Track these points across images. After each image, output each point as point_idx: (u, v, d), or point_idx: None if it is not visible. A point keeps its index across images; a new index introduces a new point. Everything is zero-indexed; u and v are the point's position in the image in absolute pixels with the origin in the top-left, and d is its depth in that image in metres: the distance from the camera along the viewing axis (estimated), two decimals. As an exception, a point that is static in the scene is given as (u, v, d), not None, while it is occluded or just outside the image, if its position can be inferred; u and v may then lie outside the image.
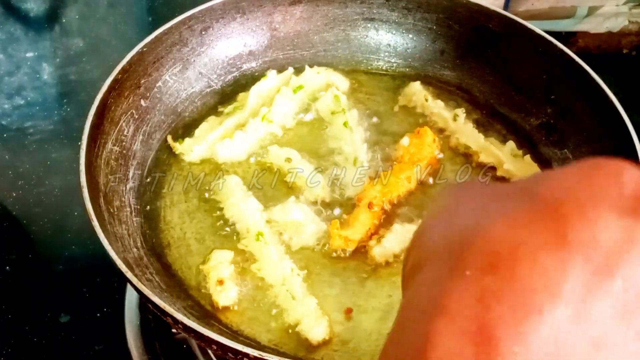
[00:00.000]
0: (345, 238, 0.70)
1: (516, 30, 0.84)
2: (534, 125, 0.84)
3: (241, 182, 0.76)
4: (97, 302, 0.84)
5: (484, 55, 0.88)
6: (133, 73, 0.78)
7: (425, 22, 0.90)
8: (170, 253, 0.72)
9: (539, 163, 0.80)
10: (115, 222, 0.69)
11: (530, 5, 1.16)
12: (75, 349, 0.80)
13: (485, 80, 0.88)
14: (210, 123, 0.83)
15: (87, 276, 0.86)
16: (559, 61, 0.81)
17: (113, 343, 0.80)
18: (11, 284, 0.87)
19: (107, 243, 0.61)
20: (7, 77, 1.11)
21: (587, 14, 1.16)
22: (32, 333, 0.81)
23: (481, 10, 0.86)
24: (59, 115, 1.06)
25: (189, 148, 0.80)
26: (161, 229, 0.74)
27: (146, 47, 0.79)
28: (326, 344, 0.65)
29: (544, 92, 0.83)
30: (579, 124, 0.79)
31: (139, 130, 0.79)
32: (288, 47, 0.91)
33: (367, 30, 0.92)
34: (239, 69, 0.89)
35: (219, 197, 0.76)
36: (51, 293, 0.86)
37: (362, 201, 0.73)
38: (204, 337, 0.56)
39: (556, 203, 0.25)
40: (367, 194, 0.73)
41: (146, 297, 0.58)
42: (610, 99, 0.75)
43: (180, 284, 0.69)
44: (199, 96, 0.86)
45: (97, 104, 0.72)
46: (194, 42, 0.85)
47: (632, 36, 1.19)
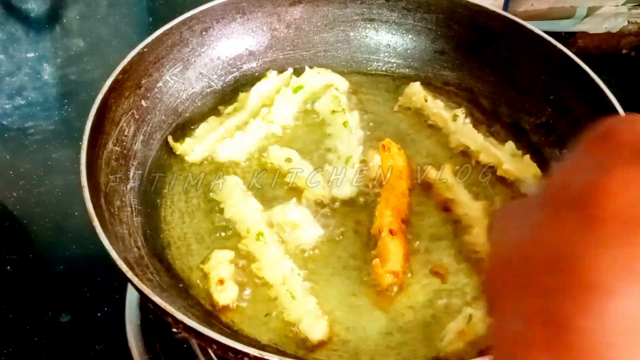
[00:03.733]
0: (393, 272, 0.68)
1: (516, 31, 0.84)
2: (533, 125, 0.84)
3: (241, 182, 0.77)
4: (98, 302, 0.84)
5: (484, 55, 0.88)
6: (134, 73, 0.78)
7: (425, 23, 0.90)
8: (170, 253, 0.72)
9: (539, 163, 0.80)
10: (116, 222, 0.69)
11: (529, 5, 1.16)
12: (76, 349, 0.80)
13: (485, 80, 0.88)
14: (211, 123, 0.83)
15: (88, 276, 0.86)
16: (559, 61, 0.81)
17: (113, 343, 0.80)
18: (11, 284, 0.87)
19: (107, 243, 0.61)
20: (8, 78, 1.11)
21: (586, 14, 1.16)
22: (32, 333, 0.81)
23: (481, 11, 0.86)
24: (59, 116, 1.06)
25: (190, 148, 0.80)
26: (161, 229, 0.74)
27: (147, 48, 0.79)
28: (326, 343, 0.65)
29: (544, 92, 0.83)
30: (578, 124, 0.79)
31: (139, 131, 0.79)
32: (288, 48, 0.91)
33: (367, 31, 0.92)
34: (240, 69, 0.89)
35: (219, 197, 0.76)
36: (51, 293, 0.86)
37: (382, 232, 0.70)
38: (205, 336, 0.56)
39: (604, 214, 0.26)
40: (383, 222, 0.71)
41: (147, 296, 0.58)
42: (609, 99, 0.75)
43: (180, 283, 0.69)
44: (199, 96, 0.86)
45: (97, 104, 0.72)
46: (195, 42, 0.85)
47: (632, 36, 1.19)
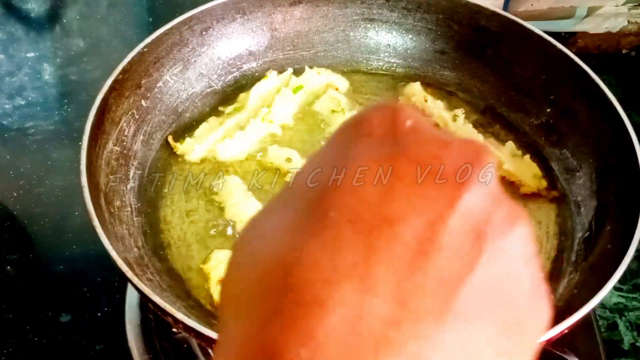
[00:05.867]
0: None
1: (516, 31, 0.84)
2: (533, 125, 0.84)
3: (241, 182, 0.77)
4: (98, 302, 0.84)
5: (484, 55, 0.88)
6: (134, 73, 0.78)
7: (425, 23, 0.90)
8: (170, 253, 0.72)
9: (539, 163, 0.80)
10: (116, 222, 0.69)
11: (529, 5, 1.16)
12: (76, 349, 0.80)
13: (485, 80, 0.88)
14: (211, 123, 0.83)
15: (87, 276, 0.86)
16: (559, 61, 0.81)
17: (113, 343, 0.80)
18: (11, 284, 0.87)
19: (107, 243, 0.61)
20: (7, 78, 1.11)
21: (586, 14, 1.16)
22: (32, 333, 0.81)
23: (481, 11, 0.86)
24: (59, 116, 1.06)
25: (190, 148, 0.80)
26: (162, 229, 0.74)
27: (147, 48, 0.79)
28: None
29: (544, 92, 0.83)
30: (579, 124, 0.79)
31: (139, 131, 0.79)
32: (288, 48, 0.91)
33: (367, 31, 0.92)
34: (240, 69, 0.89)
35: (219, 197, 0.76)
36: (51, 293, 0.86)
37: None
38: (205, 336, 0.56)
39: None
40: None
41: (147, 296, 0.58)
42: (609, 99, 0.75)
43: (180, 283, 0.69)
44: (199, 96, 0.86)
45: (97, 104, 0.72)
46: (195, 42, 0.85)
47: (632, 36, 1.19)
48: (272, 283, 0.23)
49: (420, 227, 0.23)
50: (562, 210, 0.77)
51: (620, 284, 0.86)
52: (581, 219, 0.75)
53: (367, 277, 0.22)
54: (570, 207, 0.77)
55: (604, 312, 0.85)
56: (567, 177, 0.79)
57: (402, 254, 0.22)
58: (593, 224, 0.73)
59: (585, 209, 0.75)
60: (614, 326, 0.84)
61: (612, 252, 0.66)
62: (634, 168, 0.70)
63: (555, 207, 0.78)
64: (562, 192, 0.78)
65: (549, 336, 0.57)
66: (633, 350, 0.82)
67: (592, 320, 0.79)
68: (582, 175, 0.78)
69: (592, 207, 0.74)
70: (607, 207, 0.72)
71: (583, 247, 0.72)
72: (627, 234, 0.64)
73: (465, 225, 0.23)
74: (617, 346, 0.82)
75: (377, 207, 0.23)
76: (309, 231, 0.23)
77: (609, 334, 0.83)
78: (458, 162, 0.25)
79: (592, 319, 0.79)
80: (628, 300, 0.86)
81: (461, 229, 0.23)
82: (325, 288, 0.22)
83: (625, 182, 0.71)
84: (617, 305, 0.86)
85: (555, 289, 0.69)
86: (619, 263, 0.61)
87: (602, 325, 0.83)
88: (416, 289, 0.22)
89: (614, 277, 0.60)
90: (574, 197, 0.77)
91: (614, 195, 0.72)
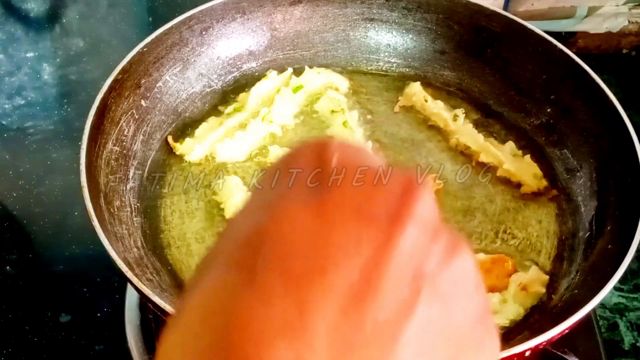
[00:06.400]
0: None
1: (516, 31, 0.84)
2: (533, 125, 0.84)
3: (241, 182, 0.76)
4: (97, 302, 0.84)
5: (484, 55, 0.88)
6: (133, 73, 0.78)
7: (425, 22, 0.90)
8: (170, 253, 0.72)
9: (539, 163, 0.80)
10: (116, 222, 0.69)
11: (529, 5, 1.16)
12: (75, 349, 0.80)
13: (485, 80, 0.88)
14: (211, 123, 0.83)
15: (87, 276, 0.86)
16: (559, 61, 0.81)
17: (113, 343, 0.80)
18: (11, 284, 0.87)
19: (107, 243, 0.61)
20: (7, 77, 1.11)
21: (586, 14, 1.16)
22: (32, 333, 0.81)
23: (481, 11, 0.86)
24: (59, 115, 1.06)
25: (190, 148, 0.80)
26: (161, 229, 0.74)
27: (146, 47, 0.79)
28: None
29: (544, 92, 0.83)
30: (579, 124, 0.79)
31: (139, 130, 0.79)
32: (288, 48, 0.91)
33: (367, 31, 0.92)
34: (239, 69, 0.89)
35: (219, 197, 0.76)
36: (51, 293, 0.86)
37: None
38: (204, 336, 0.56)
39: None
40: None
41: (146, 296, 0.58)
42: (610, 99, 0.75)
43: (180, 284, 0.69)
44: (199, 96, 0.86)
45: (97, 104, 0.72)
46: (194, 42, 0.85)
47: (632, 36, 1.19)
48: (215, 343, 0.22)
49: (354, 273, 0.22)
50: (563, 210, 0.77)
51: (620, 284, 0.86)
52: (581, 218, 0.75)
53: (302, 331, 0.21)
54: (571, 207, 0.77)
55: (604, 312, 0.85)
56: (568, 177, 0.79)
57: (336, 304, 0.21)
58: (593, 224, 0.73)
59: (586, 209, 0.75)
60: (615, 326, 0.84)
61: (612, 252, 0.66)
62: (634, 168, 0.70)
63: (556, 206, 0.77)
64: (563, 192, 0.78)
65: (549, 336, 0.57)
66: (633, 351, 0.82)
67: (592, 320, 0.78)
68: (582, 175, 0.77)
69: (593, 207, 0.74)
70: (608, 207, 0.72)
71: (583, 247, 0.72)
72: (627, 234, 0.64)
73: (401, 267, 0.22)
74: (618, 346, 0.82)
75: (308, 256, 0.22)
76: (244, 285, 0.22)
77: (610, 334, 0.83)
78: (390, 199, 0.24)
79: (593, 319, 0.79)
80: (628, 300, 0.86)
81: (397, 272, 0.22)
82: (263, 346, 0.21)
83: (626, 182, 0.71)
84: (618, 305, 0.85)
85: (556, 289, 0.69)
86: (619, 263, 0.61)
87: (602, 326, 0.83)
88: (354, 340, 0.21)
89: (614, 277, 0.60)
90: (574, 197, 0.77)
91: (614, 195, 0.72)
